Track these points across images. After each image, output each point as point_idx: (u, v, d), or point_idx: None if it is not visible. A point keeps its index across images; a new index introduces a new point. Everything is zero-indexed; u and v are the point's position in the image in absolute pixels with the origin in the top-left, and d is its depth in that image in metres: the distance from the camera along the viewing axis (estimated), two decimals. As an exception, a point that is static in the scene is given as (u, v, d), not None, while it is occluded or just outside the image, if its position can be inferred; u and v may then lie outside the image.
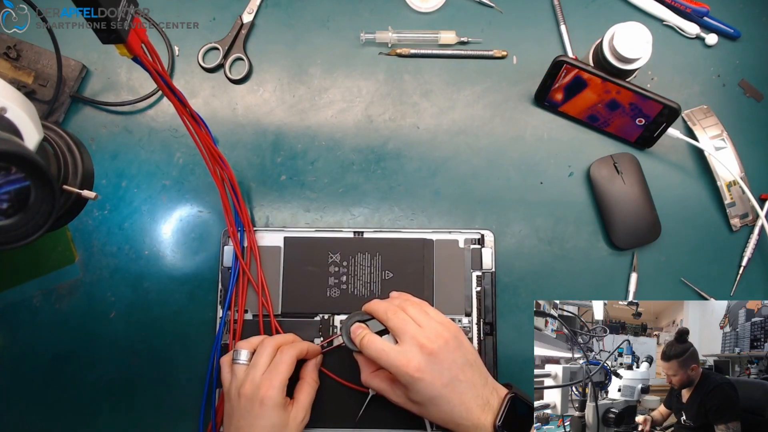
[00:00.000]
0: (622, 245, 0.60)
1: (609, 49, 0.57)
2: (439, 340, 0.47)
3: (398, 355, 0.46)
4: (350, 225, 0.61)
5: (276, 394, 0.47)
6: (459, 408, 0.46)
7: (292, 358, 0.50)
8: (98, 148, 0.62)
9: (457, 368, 0.46)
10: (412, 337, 0.46)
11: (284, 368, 0.49)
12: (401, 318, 0.48)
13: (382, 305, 0.50)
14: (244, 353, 0.51)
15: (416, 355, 0.45)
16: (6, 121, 0.35)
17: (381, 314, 0.49)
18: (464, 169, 0.62)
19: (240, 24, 0.64)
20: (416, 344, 0.46)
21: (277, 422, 0.47)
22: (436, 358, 0.46)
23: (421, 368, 0.45)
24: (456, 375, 0.46)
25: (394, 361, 0.45)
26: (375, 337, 0.48)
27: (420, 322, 0.48)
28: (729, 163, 0.60)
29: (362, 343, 0.48)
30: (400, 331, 0.47)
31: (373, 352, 0.47)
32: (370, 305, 0.51)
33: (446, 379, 0.46)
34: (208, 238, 0.60)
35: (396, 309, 0.49)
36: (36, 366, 0.58)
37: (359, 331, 0.49)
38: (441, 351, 0.46)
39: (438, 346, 0.46)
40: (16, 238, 0.32)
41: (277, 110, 0.63)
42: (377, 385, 0.50)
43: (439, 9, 0.65)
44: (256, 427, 0.47)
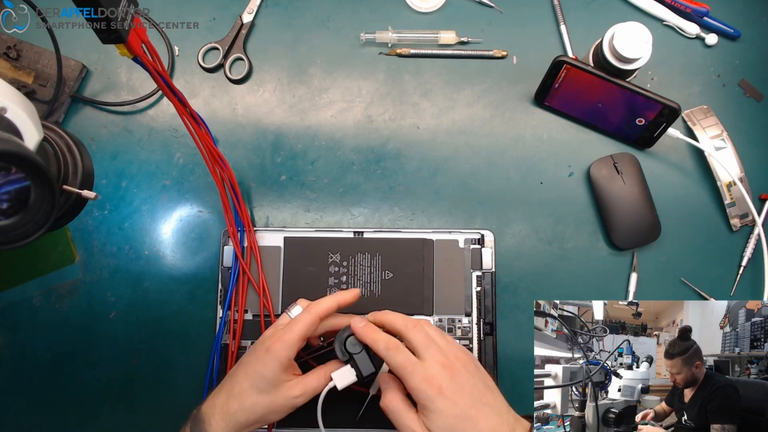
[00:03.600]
0: (622, 245, 0.60)
1: (609, 49, 0.57)
2: (459, 362, 0.44)
3: (423, 369, 0.43)
4: (350, 225, 0.61)
5: (281, 348, 0.45)
6: None
7: (309, 321, 0.47)
8: (98, 148, 0.62)
9: (479, 392, 0.44)
10: (433, 355, 0.44)
11: (297, 327, 0.47)
12: (425, 333, 0.45)
13: (399, 317, 0.47)
14: (296, 309, 0.50)
15: (439, 374, 0.43)
16: (6, 121, 0.35)
17: (400, 326, 0.46)
18: (464, 169, 0.62)
19: (240, 24, 0.64)
20: (439, 362, 0.43)
21: (269, 376, 0.45)
22: (459, 379, 0.43)
23: (444, 386, 0.42)
24: (480, 398, 0.43)
25: (419, 373, 0.43)
26: (403, 345, 0.45)
27: (439, 341, 0.46)
28: (729, 163, 0.60)
29: (388, 346, 0.45)
30: (423, 347, 0.44)
31: (400, 360, 0.44)
32: (383, 316, 0.48)
33: (469, 401, 0.42)
34: (208, 238, 0.60)
35: (416, 323, 0.46)
36: (36, 366, 0.58)
37: (362, 323, 0.47)
38: (462, 372, 0.44)
39: (459, 367, 0.44)
40: (16, 238, 0.32)
41: (277, 110, 0.63)
42: (395, 407, 0.45)
43: (439, 9, 0.65)
44: (251, 368, 0.46)
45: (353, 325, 0.48)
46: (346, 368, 0.48)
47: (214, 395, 0.47)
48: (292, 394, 0.46)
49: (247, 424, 0.46)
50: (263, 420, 0.46)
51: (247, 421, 0.46)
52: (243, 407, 0.45)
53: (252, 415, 0.46)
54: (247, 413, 0.45)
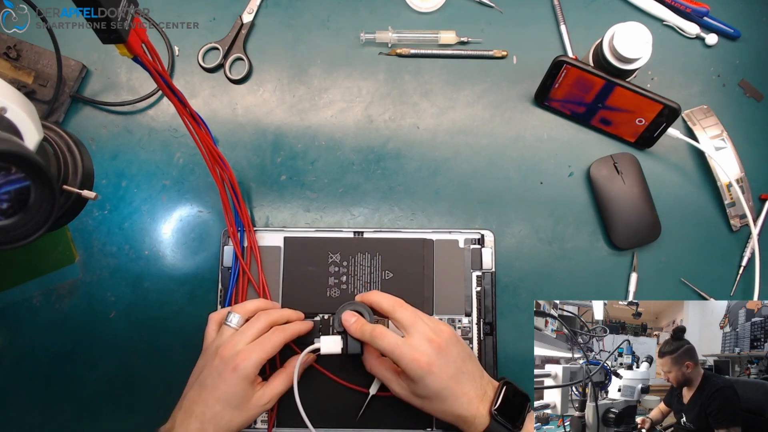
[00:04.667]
0: (622, 245, 0.60)
1: (609, 49, 0.57)
2: (444, 335, 0.48)
3: (410, 349, 0.46)
4: (350, 225, 0.61)
5: (250, 366, 0.47)
6: (461, 399, 0.46)
7: (281, 341, 0.50)
8: (98, 148, 0.62)
9: (461, 361, 0.48)
10: (421, 332, 0.47)
11: (269, 347, 0.49)
12: (411, 312, 0.49)
13: (387, 298, 0.51)
14: (236, 318, 0.51)
15: (427, 349, 0.46)
16: (6, 121, 0.35)
17: (387, 306, 0.50)
18: (464, 169, 0.62)
19: (240, 24, 0.64)
20: (425, 338, 0.47)
21: (240, 393, 0.47)
22: (443, 352, 0.47)
23: (431, 362, 0.46)
24: (459, 368, 0.47)
25: (407, 354, 0.46)
26: (387, 330, 0.48)
27: (423, 318, 0.49)
28: (729, 163, 0.60)
29: (374, 334, 0.48)
30: (410, 324, 0.48)
31: (386, 345, 0.47)
32: (371, 296, 0.52)
33: (452, 372, 0.47)
34: (208, 238, 0.60)
35: (402, 302, 0.50)
36: (36, 366, 0.58)
37: (353, 320, 0.50)
38: (447, 345, 0.47)
39: (444, 340, 0.47)
40: (16, 238, 0.32)
41: (277, 110, 0.63)
42: (382, 374, 0.51)
43: (439, 9, 0.65)
44: (220, 390, 0.47)
45: (344, 322, 0.51)
46: (336, 338, 0.51)
47: (184, 424, 0.47)
48: (261, 402, 0.49)
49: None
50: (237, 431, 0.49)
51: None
52: (219, 428, 0.47)
53: (229, 431, 0.48)
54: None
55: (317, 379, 0.56)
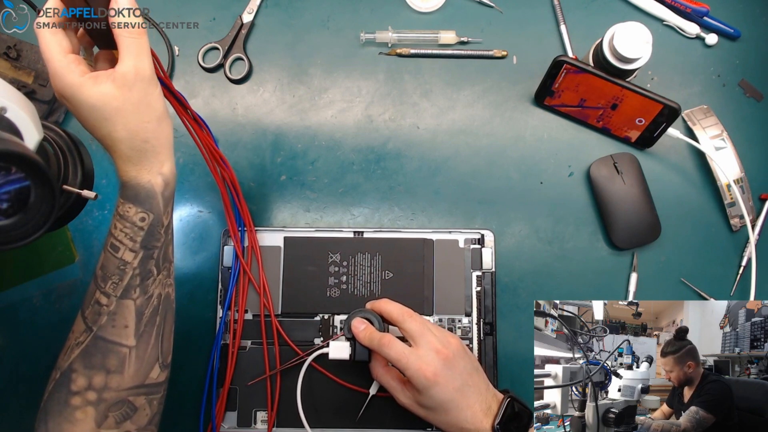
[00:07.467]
0: (622, 245, 0.60)
1: (609, 49, 0.57)
2: (451, 347, 0.47)
3: (417, 359, 0.46)
4: (350, 225, 0.61)
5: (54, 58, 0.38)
6: (466, 412, 0.46)
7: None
8: (98, 148, 0.61)
9: (467, 374, 0.47)
10: (428, 342, 0.47)
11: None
12: (420, 322, 0.48)
13: (396, 307, 0.50)
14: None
15: (433, 360, 0.46)
16: (6, 121, 0.35)
17: (396, 316, 0.49)
18: (464, 169, 0.62)
19: (240, 24, 0.64)
20: (433, 349, 0.46)
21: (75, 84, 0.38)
22: (450, 364, 0.46)
23: (438, 373, 0.46)
24: (466, 380, 0.47)
25: (413, 364, 0.46)
26: (395, 339, 0.48)
27: (432, 328, 0.49)
28: (729, 163, 0.60)
29: (382, 342, 0.47)
30: (418, 335, 0.47)
31: (393, 354, 0.46)
32: (381, 304, 0.51)
33: (458, 384, 0.46)
34: (208, 238, 0.60)
35: (412, 312, 0.49)
36: (36, 366, 0.58)
37: (363, 327, 0.49)
38: (454, 357, 0.47)
39: (451, 351, 0.47)
40: (16, 238, 0.32)
41: (277, 110, 0.63)
42: (388, 382, 0.50)
43: (439, 9, 0.65)
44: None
45: (354, 328, 0.50)
46: (344, 344, 0.51)
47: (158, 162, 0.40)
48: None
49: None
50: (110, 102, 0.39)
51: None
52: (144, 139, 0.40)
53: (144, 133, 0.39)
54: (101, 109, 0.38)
55: (317, 379, 0.56)
